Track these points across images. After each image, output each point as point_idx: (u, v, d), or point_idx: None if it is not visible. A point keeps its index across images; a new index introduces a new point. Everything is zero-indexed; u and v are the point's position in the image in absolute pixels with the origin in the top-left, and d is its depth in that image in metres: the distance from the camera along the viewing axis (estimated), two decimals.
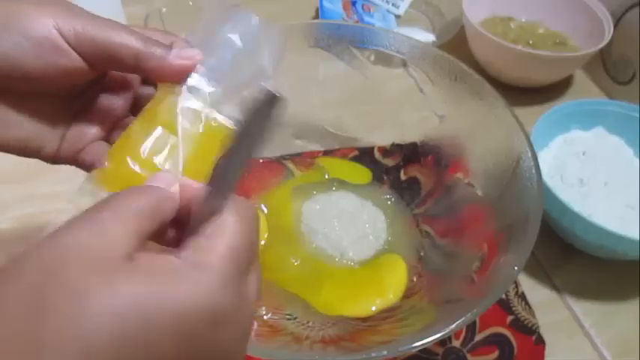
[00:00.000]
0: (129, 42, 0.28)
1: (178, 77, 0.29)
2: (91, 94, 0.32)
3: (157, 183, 0.24)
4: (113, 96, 0.32)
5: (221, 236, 0.21)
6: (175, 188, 0.24)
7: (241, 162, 0.22)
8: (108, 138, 0.32)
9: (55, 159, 0.32)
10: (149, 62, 0.28)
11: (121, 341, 0.17)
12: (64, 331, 0.17)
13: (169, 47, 0.29)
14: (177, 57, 0.28)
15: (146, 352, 0.18)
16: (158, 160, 0.28)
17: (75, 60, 0.27)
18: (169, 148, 0.28)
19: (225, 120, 0.30)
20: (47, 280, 0.18)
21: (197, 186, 0.24)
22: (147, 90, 0.33)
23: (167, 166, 0.28)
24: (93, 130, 0.32)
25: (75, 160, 0.32)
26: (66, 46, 0.27)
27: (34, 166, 0.34)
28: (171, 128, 0.28)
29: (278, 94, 0.19)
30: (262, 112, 0.20)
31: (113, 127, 0.32)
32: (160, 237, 0.24)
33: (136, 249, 0.20)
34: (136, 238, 0.20)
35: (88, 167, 0.31)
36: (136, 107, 0.33)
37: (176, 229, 0.24)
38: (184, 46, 0.30)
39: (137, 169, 0.27)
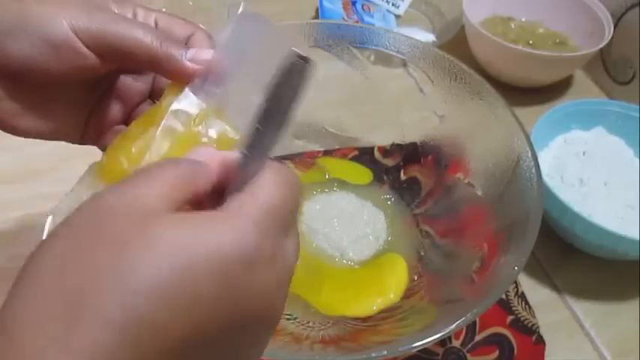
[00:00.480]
0: (145, 43, 0.28)
1: (192, 78, 0.29)
2: (111, 79, 0.32)
3: (197, 156, 0.23)
4: (132, 81, 0.32)
5: (260, 192, 0.21)
6: (215, 162, 0.23)
7: (277, 125, 0.21)
8: (128, 121, 0.33)
9: (82, 142, 0.33)
10: (164, 64, 0.28)
11: (160, 291, 0.18)
12: (106, 284, 0.17)
13: (185, 47, 0.29)
14: (192, 60, 0.28)
15: (184, 293, 0.18)
16: (147, 159, 0.28)
17: (91, 59, 0.28)
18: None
19: (224, 129, 0.29)
20: (86, 233, 0.18)
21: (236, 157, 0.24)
22: None
23: None
24: (113, 114, 0.32)
25: (98, 142, 0.32)
26: (82, 47, 0.27)
27: (34, 166, 0.34)
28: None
29: (308, 58, 0.19)
30: (294, 75, 0.20)
31: (132, 111, 0.33)
32: (197, 208, 0.24)
33: (168, 212, 0.20)
34: (168, 203, 0.20)
35: None
36: (156, 91, 0.33)
37: (214, 203, 0.24)
38: (202, 44, 0.30)
39: (129, 167, 0.27)
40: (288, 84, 0.20)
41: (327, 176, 0.56)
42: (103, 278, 0.18)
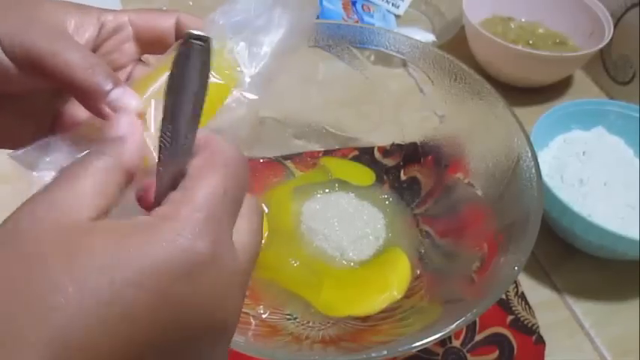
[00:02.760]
0: (58, 55, 0.24)
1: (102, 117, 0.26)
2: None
3: (117, 129, 0.23)
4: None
5: (191, 185, 0.20)
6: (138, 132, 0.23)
7: (186, 116, 0.20)
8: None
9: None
10: (83, 96, 0.25)
11: (87, 311, 0.17)
12: (28, 308, 0.16)
13: (115, 81, 0.25)
14: (111, 102, 0.25)
15: (114, 313, 0.17)
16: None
17: (9, 68, 0.25)
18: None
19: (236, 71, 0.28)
20: (5, 252, 0.18)
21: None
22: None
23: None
24: (78, 114, 0.29)
25: None
26: (3, 56, 0.25)
27: None
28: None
29: (206, 37, 0.18)
30: (192, 60, 0.18)
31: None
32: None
33: (101, 210, 0.19)
34: (93, 211, 0.19)
35: None
36: None
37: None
38: (190, 25, 0.28)
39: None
40: (187, 70, 0.18)
41: (330, 177, 0.56)
42: (25, 302, 0.16)
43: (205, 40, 0.18)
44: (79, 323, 0.16)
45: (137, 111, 0.25)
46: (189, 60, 0.18)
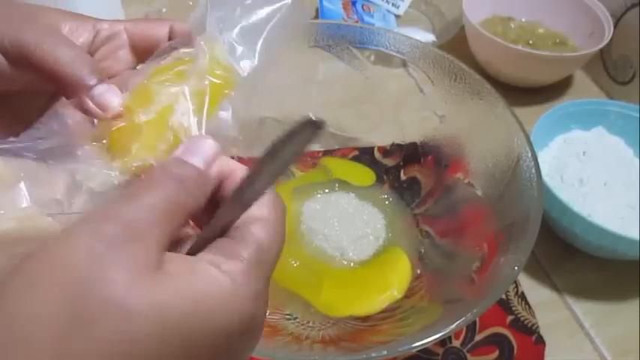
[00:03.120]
0: (46, 50, 0.25)
1: (102, 116, 0.26)
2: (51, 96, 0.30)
3: (194, 156, 0.22)
4: None
5: (250, 244, 0.21)
6: (214, 168, 0.23)
7: (270, 178, 0.21)
8: None
9: None
10: (67, 89, 0.26)
11: (161, 358, 0.18)
12: (103, 349, 0.17)
13: (100, 77, 0.26)
14: (94, 97, 0.25)
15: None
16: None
17: (1, 64, 0.25)
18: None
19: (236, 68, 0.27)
20: (81, 290, 0.17)
21: (236, 167, 0.23)
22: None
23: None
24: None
25: None
26: None
27: None
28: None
29: (322, 122, 0.19)
30: (301, 138, 0.19)
31: None
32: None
33: (167, 248, 0.19)
34: (169, 236, 0.19)
35: None
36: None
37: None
38: (183, 33, 0.28)
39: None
40: (292, 144, 0.19)
41: (330, 177, 0.56)
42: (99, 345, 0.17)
43: (321, 126, 0.19)
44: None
45: (118, 110, 0.26)
46: (299, 138, 0.19)
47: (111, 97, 0.25)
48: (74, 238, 0.18)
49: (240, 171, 0.23)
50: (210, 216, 0.21)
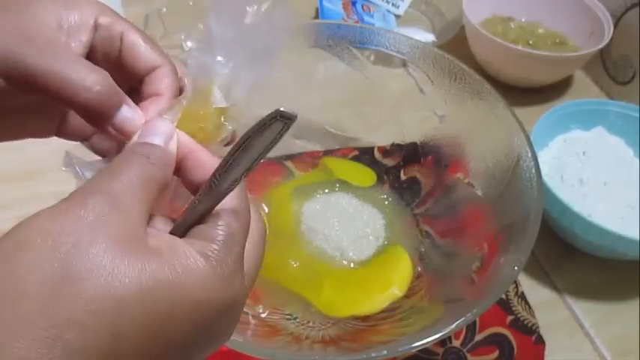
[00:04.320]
0: (73, 87, 0.23)
1: (120, 138, 0.25)
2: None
3: (155, 136, 0.23)
4: None
5: (224, 231, 0.22)
6: (173, 145, 0.24)
7: (240, 172, 0.22)
8: None
9: (59, 136, 0.29)
10: (86, 115, 0.24)
11: (144, 322, 0.18)
12: (90, 305, 0.18)
13: (120, 100, 0.24)
14: (117, 125, 0.24)
15: (165, 336, 0.19)
16: None
17: (2, 88, 0.23)
18: None
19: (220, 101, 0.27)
20: (72, 252, 0.18)
21: (192, 145, 0.24)
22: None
23: None
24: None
25: (77, 136, 0.29)
26: None
27: (34, 166, 0.34)
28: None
29: (293, 115, 0.20)
30: (271, 131, 0.21)
31: None
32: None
33: (147, 221, 0.21)
34: (147, 210, 0.21)
35: (103, 153, 0.29)
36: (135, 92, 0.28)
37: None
38: (163, 81, 0.26)
39: None
40: (263, 136, 0.21)
41: (331, 177, 0.56)
42: (87, 305, 0.18)
43: (292, 118, 0.20)
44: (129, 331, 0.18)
45: (130, 133, 0.25)
46: (270, 130, 0.21)
47: (137, 122, 0.25)
48: (63, 208, 0.19)
49: (199, 152, 0.24)
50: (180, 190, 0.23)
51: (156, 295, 0.19)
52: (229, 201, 0.23)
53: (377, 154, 0.58)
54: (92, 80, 0.23)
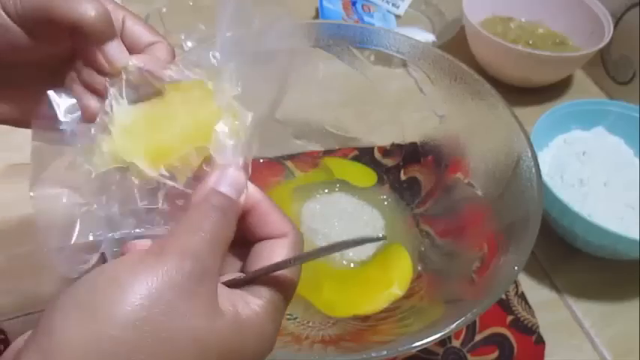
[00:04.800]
0: (69, 14, 0.26)
1: (101, 70, 0.27)
2: (73, 68, 0.30)
3: (231, 188, 0.24)
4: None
5: (272, 293, 0.24)
6: (244, 198, 0.25)
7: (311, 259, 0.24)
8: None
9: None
10: (83, 42, 0.27)
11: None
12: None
13: (114, 35, 0.27)
14: (105, 52, 0.27)
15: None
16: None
17: (16, 33, 0.26)
18: None
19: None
20: (166, 320, 0.20)
21: (259, 195, 0.26)
22: None
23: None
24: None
25: None
26: (5, 18, 0.26)
27: None
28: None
29: (385, 237, 0.23)
30: (362, 241, 0.22)
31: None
32: None
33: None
34: (220, 267, 0.23)
35: None
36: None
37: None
38: (162, 54, 0.29)
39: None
40: (349, 246, 0.22)
41: (332, 177, 0.56)
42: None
43: (383, 238, 0.24)
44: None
45: (120, 68, 0.27)
46: (363, 241, 0.22)
47: (120, 54, 0.27)
48: (162, 266, 0.21)
49: (264, 202, 0.26)
50: None
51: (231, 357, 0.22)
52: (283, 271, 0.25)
53: (377, 154, 0.58)
54: (93, 6, 0.26)
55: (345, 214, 0.53)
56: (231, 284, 0.24)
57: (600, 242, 0.51)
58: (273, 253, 0.25)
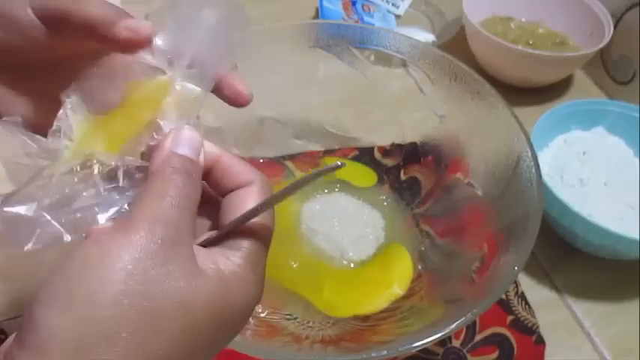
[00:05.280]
0: (80, 6, 0.27)
1: (128, 48, 0.28)
2: (90, 71, 0.31)
3: (188, 148, 0.24)
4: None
5: (257, 244, 0.25)
6: (202, 156, 0.25)
7: (282, 199, 0.24)
8: None
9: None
10: (98, 29, 0.27)
11: (189, 327, 0.21)
12: (174, 342, 0.20)
13: (124, 17, 0.28)
14: (124, 28, 0.28)
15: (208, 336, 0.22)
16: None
17: (40, 29, 0.27)
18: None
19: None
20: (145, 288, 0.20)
21: (217, 151, 0.26)
22: None
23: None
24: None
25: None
26: (32, 15, 0.27)
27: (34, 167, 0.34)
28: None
29: (343, 164, 0.22)
30: (319, 173, 0.23)
31: None
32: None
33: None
34: (192, 229, 0.23)
35: None
36: None
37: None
38: (139, 19, 0.29)
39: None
40: (310, 180, 0.23)
41: (332, 177, 0.56)
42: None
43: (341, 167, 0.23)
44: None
45: (148, 30, 0.28)
46: (320, 173, 0.23)
47: (138, 24, 0.28)
48: (126, 238, 0.21)
49: (224, 156, 0.26)
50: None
51: (218, 313, 0.22)
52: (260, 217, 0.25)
53: (377, 154, 0.58)
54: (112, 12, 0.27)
55: (345, 214, 0.53)
56: (208, 243, 0.24)
57: (600, 242, 0.51)
58: (243, 202, 0.25)
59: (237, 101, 0.28)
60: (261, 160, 0.57)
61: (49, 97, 0.30)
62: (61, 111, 0.27)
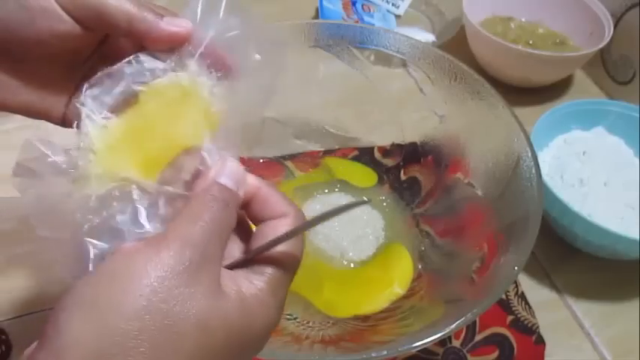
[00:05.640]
0: (122, 5, 0.27)
1: (170, 44, 0.28)
2: (94, 62, 0.32)
3: (230, 180, 0.25)
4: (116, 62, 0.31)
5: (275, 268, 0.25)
6: (243, 189, 0.26)
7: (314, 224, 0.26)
8: None
9: (63, 123, 0.32)
10: (141, 26, 0.28)
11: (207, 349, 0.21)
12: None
13: (162, 15, 0.29)
14: (168, 24, 0.28)
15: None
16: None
17: (69, 24, 0.27)
18: None
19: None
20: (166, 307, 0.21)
21: (258, 182, 0.27)
22: None
23: None
24: None
25: None
26: (60, 10, 0.27)
27: None
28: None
29: (369, 201, 0.24)
30: (347, 208, 0.24)
31: None
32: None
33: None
34: (222, 256, 0.24)
35: None
36: None
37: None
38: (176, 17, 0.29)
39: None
40: (339, 212, 0.24)
41: (332, 177, 0.56)
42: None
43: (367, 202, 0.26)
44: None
45: (189, 27, 0.28)
46: (348, 208, 0.24)
47: (181, 22, 0.28)
48: (156, 257, 0.21)
49: (263, 188, 0.26)
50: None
51: (235, 336, 0.22)
52: (287, 244, 0.25)
53: (377, 154, 0.58)
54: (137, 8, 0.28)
55: (345, 214, 0.53)
56: (234, 266, 0.25)
57: (600, 242, 0.51)
58: (274, 231, 0.25)
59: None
60: (261, 160, 0.57)
61: (55, 87, 0.31)
62: (77, 120, 0.27)
